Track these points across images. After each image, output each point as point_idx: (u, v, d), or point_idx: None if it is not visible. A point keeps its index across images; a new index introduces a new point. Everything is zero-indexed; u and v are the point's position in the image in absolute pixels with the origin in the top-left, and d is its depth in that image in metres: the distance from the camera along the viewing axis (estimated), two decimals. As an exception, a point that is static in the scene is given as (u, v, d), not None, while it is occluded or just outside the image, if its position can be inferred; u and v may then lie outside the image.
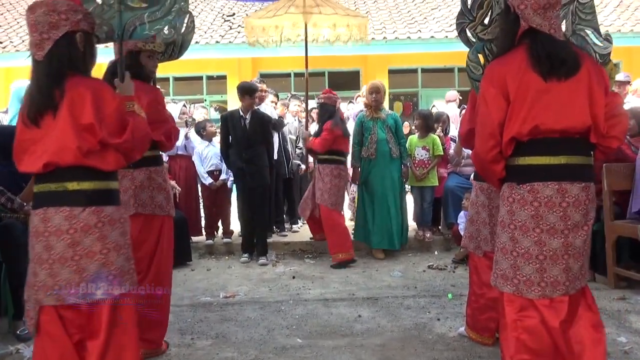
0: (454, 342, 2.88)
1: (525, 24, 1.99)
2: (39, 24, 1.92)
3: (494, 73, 2.03)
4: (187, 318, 3.38)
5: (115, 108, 1.96)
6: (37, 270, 1.93)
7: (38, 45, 1.93)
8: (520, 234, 2.01)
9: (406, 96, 12.16)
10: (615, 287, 3.80)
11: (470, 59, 2.51)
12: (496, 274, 2.10)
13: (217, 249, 5.44)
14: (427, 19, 10.80)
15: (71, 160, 1.90)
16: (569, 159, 1.99)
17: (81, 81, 1.95)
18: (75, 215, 1.91)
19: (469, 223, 2.94)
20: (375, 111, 5.04)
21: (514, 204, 2.02)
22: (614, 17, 10.31)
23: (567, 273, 1.98)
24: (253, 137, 4.94)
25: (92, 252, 1.93)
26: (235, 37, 10.41)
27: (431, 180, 5.34)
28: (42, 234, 1.92)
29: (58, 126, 1.89)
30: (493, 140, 2.02)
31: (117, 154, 2.00)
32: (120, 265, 1.99)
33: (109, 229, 1.97)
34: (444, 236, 5.48)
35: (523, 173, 2.02)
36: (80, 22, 1.98)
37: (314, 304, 3.65)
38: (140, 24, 2.31)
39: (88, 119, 1.89)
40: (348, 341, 2.92)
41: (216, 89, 11.91)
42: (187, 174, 5.51)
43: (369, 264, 4.87)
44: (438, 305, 3.54)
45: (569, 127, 1.95)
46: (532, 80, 1.94)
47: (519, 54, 1.99)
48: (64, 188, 1.92)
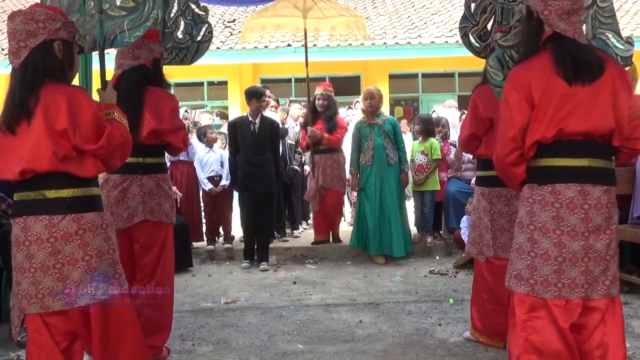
0: (456, 347, 2.87)
1: (549, 29, 1.99)
2: (16, 32, 1.93)
3: (517, 78, 2.03)
4: (188, 324, 3.38)
5: (92, 115, 1.96)
6: (19, 279, 1.94)
7: (15, 54, 1.95)
8: (540, 235, 1.98)
9: (407, 101, 12.19)
10: (619, 292, 3.78)
11: (491, 65, 2.50)
12: (510, 274, 2.08)
13: (218, 255, 5.43)
14: (427, 24, 10.83)
15: (47, 167, 1.90)
16: (591, 161, 1.97)
17: (57, 88, 1.95)
18: (54, 224, 1.91)
19: (471, 228, 2.94)
20: (372, 117, 5.03)
21: (535, 205, 2.00)
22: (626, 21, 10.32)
23: (587, 276, 1.95)
24: (262, 142, 4.94)
25: (74, 260, 1.93)
26: (236, 43, 10.44)
27: (431, 184, 5.34)
28: (22, 243, 1.92)
29: (33, 133, 1.89)
30: (514, 144, 2.01)
31: (96, 160, 2.00)
32: (104, 271, 1.99)
33: (90, 235, 1.97)
34: (445, 241, 5.47)
35: (545, 174, 2.00)
36: (59, 30, 1.99)
37: (315, 309, 3.64)
38: (121, 32, 2.33)
39: (62, 124, 1.89)
40: (349, 347, 2.91)
41: (217, 94, 11.94)
42: (188, 180, 5.52)
43: (370, 269, 4.86)
44: (439, 311, 3.53)
45: (593, 130, 1.95)
46: (557, 85, 1.94)
47: (543, 59, 1.98)
48: (42, 196, 1.92)
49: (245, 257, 5.08)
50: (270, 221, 5.25)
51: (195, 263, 5.18)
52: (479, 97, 2.77)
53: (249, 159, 4.90)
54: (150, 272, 2.67)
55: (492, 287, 2.78)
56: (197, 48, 2.98)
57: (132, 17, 2.33)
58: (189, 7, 2.95)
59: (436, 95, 11.73)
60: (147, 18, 2.35)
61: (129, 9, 2.35)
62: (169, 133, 2.64)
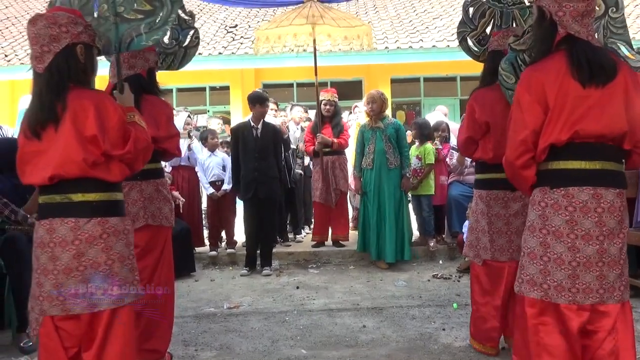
0: (460, 352, 2.85)
1: (563, 30, 1.97)
2: (39, 36, 1.93)
3: (531, 79, 2.00)
4: (191, 329, 3.37)
5: (118, 119, 1.97)
6: (42, 281, 1.93)
7: (38, 58, 1.94)
8: (554, 239, 1.95)
9: (409, 105, 12.19)
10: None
11: (503, 68, 2.50)
12: (521, 279, 2.05)
13: (220, 260, 5.43)
14: (428, 29, 10.85)
15: (77, 173, 1.91)
16: (604, 164, 1.95)
17: (83, 93, 1.96)
18: (80, 227, 1.92)
19: (469, 232, 2.94)
20: (375, 121, 5.04)
21: (547, 209, 1.97)
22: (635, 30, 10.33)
23: (602, 281, 1.92)
24: (265, 147, 4.95)
25: (96, 263, 1.94)
26: (238, 48, 10.47)
27: (425, 189, 5.34)
28: (47, 245, 1.92)
29: (62, 139, 1.90)
30: (525, 147, 1.99)
31: (122, 164, 2.01)
32: (124, 276, 2.00)
33: (114, 240, 1.98)
34: (448, 245, 5.45)
35: (557, 177, 1.98)
36: (81, 34, 1.99)
37: (318, 314, 3.62)
38: (137, 35, 2.32)
39: (91, 130, 1.89)
40: (353, 352, 2.89)
41: (219, 99, 11.96)
42: (189, 185, 5.52)
43: (373, 273, 4.85)
44: (443, 315, 3.52)
45: (606, 132, 1.93)
46: (571, 87, 1.92)
47: (557, 61, 1.96)
48: (69, 199, 1.93)
49: (246, 264, 5.07)
50: (273, 227, 5.25)
51: (198, 268, 5.17)
52: (475, 101, 2.77)
53: (252, 165, 4.90)
54: (149, 275, 2.67)
55: (489, 290, 2.78)
56: (184, 53, 2.97)
57: (149, 21, 2.33)
58: None
59: (438, 100, 11.72)
60: (166, 21, 2.35)
61: (146, 12, 2.34)
62: (165, 140, 2.66)
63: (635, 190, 3.83)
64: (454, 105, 11.64)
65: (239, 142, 5.00)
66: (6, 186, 3.33)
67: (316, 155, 5.53)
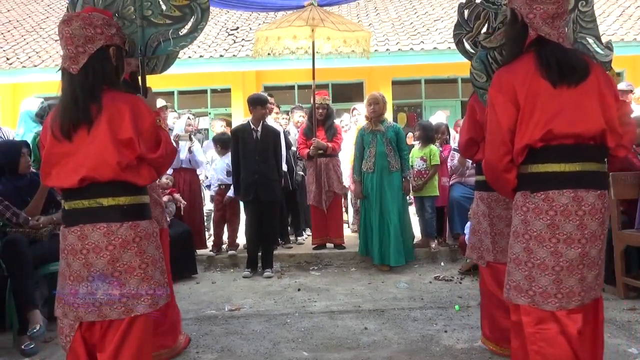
0: (462, 354, 2.84)
1: (533, 32, 1.98)
2: (74, 37, 1.91)
3: (502, 80, 2.01)
4: (192, 331, 3.36)
5: (151, 123, 1.97)
6: (76, 288, 1.91)
7: (73, 59, 1.92)
8: (536, 244, 1.95)
9: (410, 107, 12.19)
10: (625, 297, 3.76)
11: (474, 67, 2.51)
12: (509, 285, 2.05)
13: (222, 262, 5.42)
14: (429, 31, 10.85)
15: (109, 176, 1.89)
16: (584, 165, 1.94)
17: (118, 96, 1.95)
18: (113, 232, 1.90)
19: (471, 233, 2.93)
20: (375, 123, 5.02)
21: (529, 213, 1.97)
22: (617, 27, 10.32)
23: (582, 283, 1.94)
24: (265, 149, 4.94)
25: (131, 267, 1.93)
26: (239, 50, 10.48)
27: (430, 190, 5.33)
28: (79, 252, 1.90)
29: (96, 141, 1.87)
30: (504, 148, 1.99)
31: (150, 168, 2.00)
32: (158, 279, 1.99)
33: (146, 243, 1.97)
34: (449, 247, 5.44)
35: (537, 181, 1.97)
36: (114, 36, 2.00)
37: (319, 316, 3.62)
38: (165, 40, 2.32)
39: (127, 134, 1.88)
40: (354, 354, 2.89)
41: (220, 102, 11.97)
42: (191, 187, 5.52)
43: (375, 275, 4.84)
44: (445, 317, 3.51)
45: (583, 131, 1.91)
46: (541, 87, 1.92)
47: (527, 62, 1.98)
48: (98, 204, 1.91)
49: (247, 266, 5.06)
50: (274, 229, 5.25)
51: (199, 270, 5.17)
52: (476, 102, 2.76)
53: (252, 167, 4.89)
54: None
55: (495, 291, 2.76)
56: (166, 57, 2.96)
57: (177, 27, 2.33)
58: None
59: (439, 101, 11.72)
60: (196, 29, 2.35)
61: (175, 18, 2.33)
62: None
63: (637, 192, 3.82)
64: (455, 107, 11.64)
65: (239, 144, 5.00)
66: (7, 188, 3.33)
67: (310, 158, 5.53)
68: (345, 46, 5.66)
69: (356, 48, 5.64)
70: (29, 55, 10.62)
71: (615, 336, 3.01)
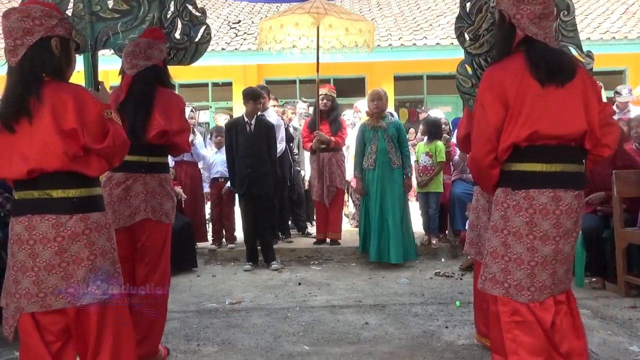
0: (463, 350, 2.84)
1: (521, 32, 2.02)
2: (12, 30, 1.90)
3: (492, 78, 2.05)
4: (193, 324, 3.36)
5: (98, 114, 1.95)
6: (19, 278, 1.91)
7: (12, 52, 1.92)
8: (514, 240, 2.03)
9: (411, 103, 12.16)
10: (626, 296, 3.76)
11: (459, 72, 2.54)
12: (484, 276, 2.12)
13: (222, 255, 5.42)
14: (432, 26, 10.82)
15: (57, 166, 1.88)
16: (565, 166, 2.01)
17: (61, 87, 1.93)
18: (62, 223, 1.89)
19: (469, 229, 2.92)
20: (377, 119, 4.97)
21: (509, 210, 2.04)
22: (620, 24, 10.29)
23: (554, 277, 2.03)
24: (257, 143, 4.91)
25: (79, 259, 1.92)
26: (241, 44, 10.45)
27: (435, 186, 5.30)
28: (26, 242, 1.89)
29: (40, 132, 1.87)
30: (490, 145, 2.04)
31: (100, 159, 1.99)
32: (106, 270, 1.99)
33: (96, 235, 1.96)
34: (450, 243, 5.44)
35: (518, 179, 2.03)
36: (56, 27, 1.96)
37: (320, 310, 3.61)
38: (114, 34, 2.33)
39: (71, 124, 1.87)
40: (355, 349, 2.88)
41: (221, 95, 11.95)
42: (192, 180, 5.51)
43: (375, 270, 4.84)
44: (446, 313, 3.50)
45: (567, 133, 1.98)
46: (530, 86, 1.97)
47: (517, 61, 2.02)
48: (48, 195, 1.90)
49: (248, 259, 5.06)
50: (269, 222, 5.22)
51: (200, 263, 5.16)
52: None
53: (244, 161, 4.87)
54: (150, 271, 2.66)
55: None
56: (195, 49, 2.96)
57: (126, 20, 2.33)
58: (186, 8, 2.93)
59: (441, 97, 11.70)
60: (143, 20, 2.35)
61: (122, 12, 2.35)
62: (177, 134, 2.65)
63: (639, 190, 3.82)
64: (456, 103, 11.60)
65: (232, 138, 4.99)
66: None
67: (314, 152, 5.51)
68: (347, 35, 5.63)
69: (358, 38, 5.62)
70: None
71: (616, 334, 3.01)
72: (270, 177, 5.00)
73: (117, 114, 2.14)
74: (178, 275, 4.73)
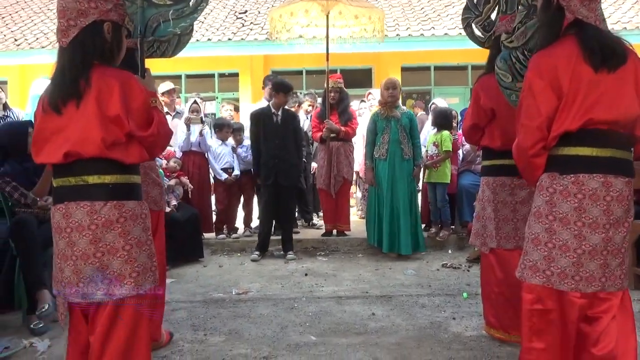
0: (471, 341, 2.83)
1: (570, 15, 1.92)
2: (67, 10, 1.87)
3: (541, 64, 1.95)
4: (200, 314, 3.37)
5: (143, 101, 1.92)
6: (62, 267, 1.89)
7: (64, 32, 1.88)
8: (560, 226, 1.93)
9: (419, 94, 12.08)
10: (635, 288, 3.72)
11: (499, 67, 2.43)
12: (524, 264, 2.03)
13: (229, 246, 5.43)
14: (440, 16, 10.71)
15: (94, 152, 1.84)
16: (615, 152, 1.92)
17: (109, 72, 1.90)
18: (96, 211, 1.86)
19: (475, 220, 2.91)
20: (390, 109, 4.93)
21: (555, 195, 1.94)
22: (632, 14, 10.14)
23: (605, 269, 1.91)
24: (285, 134, 4.94)
25: (114, 249, 1.87)
26: (248, 34, 10.40)
27: (441, 177, 5.25)
28: (64, 230, 1.87)
29: (83, 116, 1.83)
30: (540, 134, 1.95)
31: (141, 147, 1.96)
32: (142, 262, 1.93)
33: (131, 224, 1.91)
34: (457, 235, 5.42)
35: (567, 163, 1.94)
36: (110, 11, 1.93)
37: (327, 301, 3.61)
38: (164, 21, 2.27)
39: (115, 110, 1.84)
40: (362, 339, 2.88)
41: (228, 86, 11.92)
42: (200, 171, 5.51)
43: (382, 262, 4.83)
44: (453, 304, 3.49)
45: (620, 119, 1.89)
46: (583, 72, 1.88)
47: (567, 46, 1.92)
48: (84, 182, 1.87)
49: (257, 248, 5.08)
50: (292, 212, 5.31)
51: (206, 254, 5.18)
52: (481, 88, 2.74)
53: (272, 152, 4.90)
54: None
55: (502, 278, 2.74)
56: (178, 41, 2.91)
57: (178, 7, 2.29)
58: None
59: (449, 89, 11.62)
60: (195, 10, 2.30)
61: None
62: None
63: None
64: (464, 94, 11.53)
65: (259, 128, 4.99)
66: (16, 170, 3.33)
67: (323, 141, 5.49)
68: (356, 23, 5.59)
69: (368, 27, 5.58)
70: (37, 36, 10.60)
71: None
72: (296, 167, 5.06)
73: (161, 103, 2.11)
74: (185, 265, 4.74)
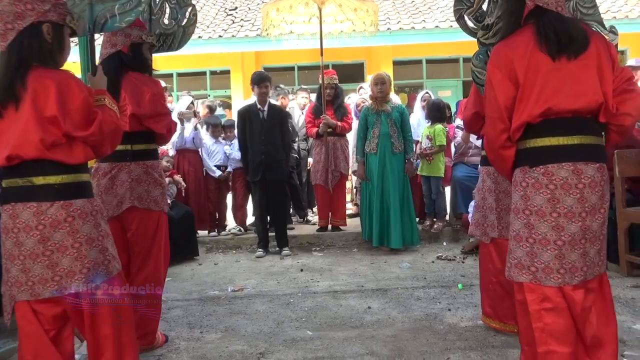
0: (466, 332, 2.84)
1: (531, 3, 1.92)
2: (3, 13, 1.87)
3: (500, 56, 1.95)
4: (196, 312, 3.37)
5: (82, 100, 1.91)
6: (8, 267, 1.91)
7: (2, 36, 1.89)
8: (537, 220, 1.92)
9: (411, 87, 12.09)
10: (628, 275, 3.75)
11: (475, 65, 2.44)
12: (510, 263, 2.02)
13: (224, 244, 5.43)
14: (431, 9, 10.71)
15: (34, 154, 1.85)
16: (582, 139, 1.90)
17: (47, 73, 1.89)
18: (43, 211, 1.88)
19: (475, 210, 2.91)
20: (381, 104, 4.93)
21: (528, 189, 1.93)
22: (621, 3, 10.18)
23: (585, 258, 1.90)
24: (271, 129, 4.93)
25: (63, 247, 1.90)
26: (238, 31, 10.35)
27: (435, 170, 5.27)
28: (11, 230, 1.89)
29: (21, 118, 1.85)
30: (502, 125, 1.95)
31: (86, 147, 1.95)
32: (93, 258, 1.95)
33: (80, 222, 1.92)
34: (452, 227, 5.43)
35: (535, 155, 1.93)
36: (48, 12, 1.93)
37: (322, 296, 3.62)
38: (111, 16, 2.28)
39: (51, 111, 1.84)
40: (358, 332, 2.89)
41: (220, 84, 11.88)
42: (195, 169, 5.51)
43: (377, 255, 4.84)
44: (448, 296, 3.51)
45: (582, 106, 1.88)
46: (540, 61, 1.87)
47: (526, 35, 1.91)
48: (30, 183, 1.88)
49: (259, 245, 5.09)
50: (284, 208, 5.29)
51: (201, 252, 5.17)
52: None
53: (258, 148, 4.88)
54: (144, 260, 2.64)
55: (501, 269, 2.74)
56: (183, 32, 2.92)
57: (123, 2, 2.28)
58: None
59: (441, 82, 11.63)
60: (139, 3, 2.30)
61: None
62: (149, 118, 2.60)
63: (643, 169, 3.79)
64: (456, 87, 11.56)
65: (245, 124, 4.97)
66: None
67: (318, 136, 5.48)
68: (354, 15, 5.59)
69: (366, 19, 5.58)
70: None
71: (619, 313, 2.99)
72: (284, 162, 5.06)
73: (112, 100, 2.10)
74: (180, 263, 4.74)
